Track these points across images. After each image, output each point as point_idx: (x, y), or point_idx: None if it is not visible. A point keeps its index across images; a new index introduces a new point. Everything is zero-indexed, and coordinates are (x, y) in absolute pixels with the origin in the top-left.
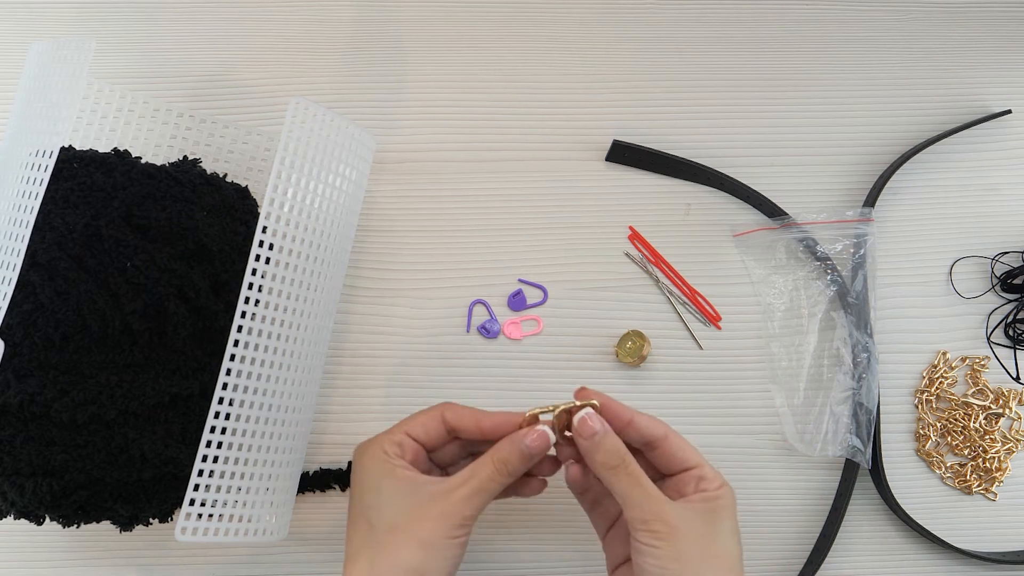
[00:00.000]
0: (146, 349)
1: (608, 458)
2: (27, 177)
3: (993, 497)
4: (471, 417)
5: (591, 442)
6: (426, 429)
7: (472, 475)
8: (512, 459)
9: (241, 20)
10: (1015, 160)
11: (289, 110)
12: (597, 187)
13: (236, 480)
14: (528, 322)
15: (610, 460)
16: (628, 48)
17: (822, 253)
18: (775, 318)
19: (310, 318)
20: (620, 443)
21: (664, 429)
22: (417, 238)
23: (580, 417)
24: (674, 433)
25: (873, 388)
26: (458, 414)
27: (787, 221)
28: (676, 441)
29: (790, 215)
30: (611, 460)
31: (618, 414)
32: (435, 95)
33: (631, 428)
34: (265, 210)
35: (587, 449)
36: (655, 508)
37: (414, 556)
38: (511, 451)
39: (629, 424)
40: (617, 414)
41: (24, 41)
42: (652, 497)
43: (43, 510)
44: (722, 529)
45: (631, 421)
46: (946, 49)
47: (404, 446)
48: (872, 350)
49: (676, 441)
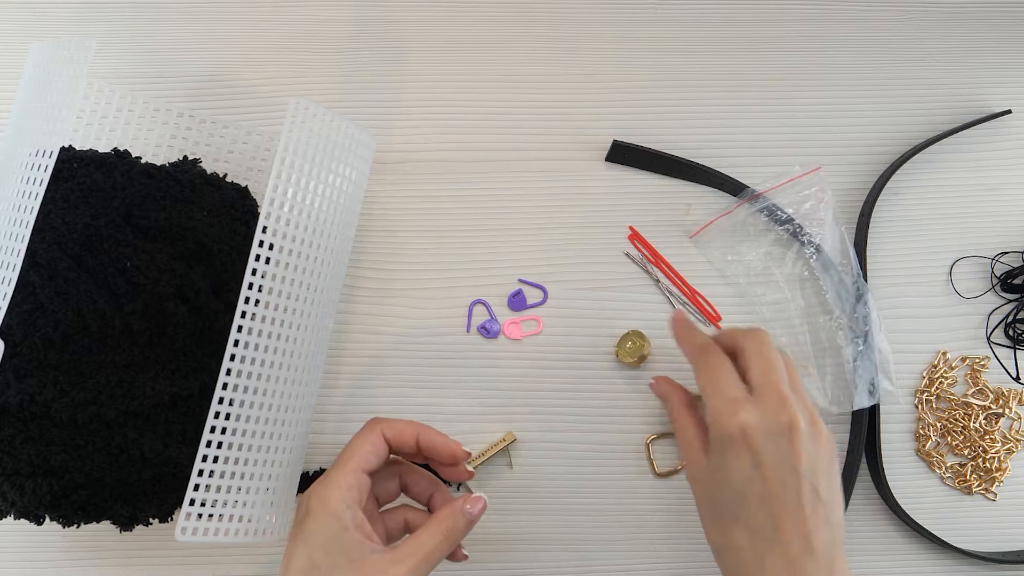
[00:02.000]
0: (146, 349)
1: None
2: (27, 177)
3: (993, 497)
4: (410, 431)
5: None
6: (376, 455)
7: (418, 547)
8: (458, 527)
9: (241, 20)
10: (1015, 160)
11: (289, 110)
12: (597, 187)
13: (236, 480)
14: (528, 322)
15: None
16: (628, 48)
17: (783, 216)
18: (760, 301)
19: (310, 318)
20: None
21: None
22: (417, 238)
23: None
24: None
25: (874, 326)
26: (396, 429)
27: (737, 202)
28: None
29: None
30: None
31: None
32: (435, 95)
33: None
34: (265, 210)
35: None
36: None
37: None
38: (456, 520)
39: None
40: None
41: (24, 41)
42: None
43: (43, 510)
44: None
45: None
46: (946, 49)
47: (360, 488)
48: (864, 290)
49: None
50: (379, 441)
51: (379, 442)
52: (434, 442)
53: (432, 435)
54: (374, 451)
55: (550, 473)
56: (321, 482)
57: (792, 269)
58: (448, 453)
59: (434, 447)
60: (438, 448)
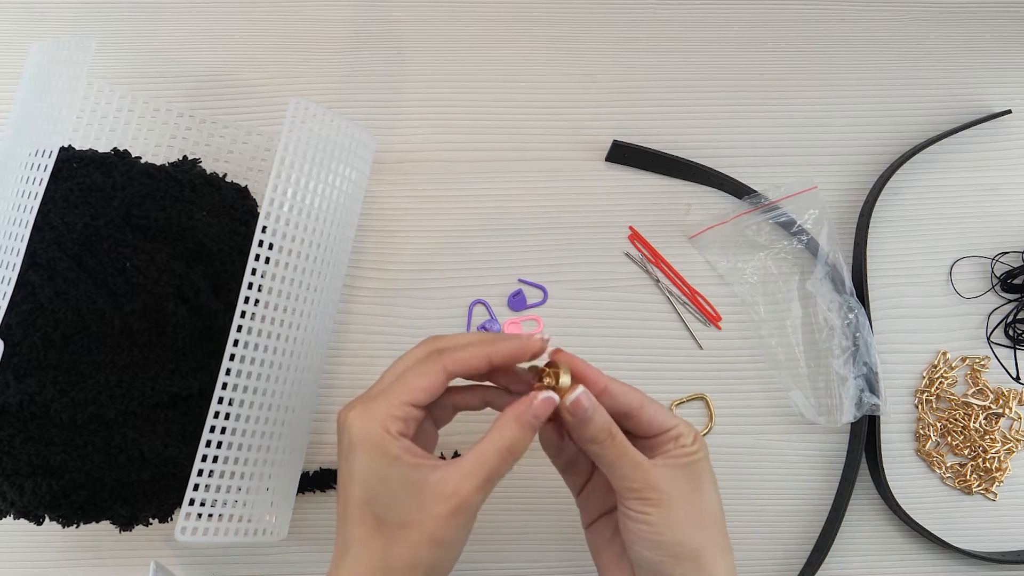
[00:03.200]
0: (146, 349)
1: (597, 434)
2: (27, 177)
3: (993, 497)
4: (480, 358)
5: (581, 418)
6: (429, 394)
7: (479, 463)
8: (522, 439)
9: (241, 20)
10: (1015, 160)
11: (289, 110)
12: (597, 187)
13: (236, 480)
14: (528, 322)
15: (598, 435)
16: (628, 48)
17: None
18: (757, 302)
19: (310, 318)
20: (608, 417)
21: (640, 398)
22: (417, 238)
23: (574, 398)
24: (649, 401)
25: (869, 342)
26: (462, 362)
27: (737, 212)
28: (651, 409)
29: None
30: (599, 435)
31: (594, 380)
32: (435, 95)
33: (605, 396)
34: (265, 210)
35: (575, 425)
36: (644, 476)
37: (431, 554)
38: (519, 432)
39: (604, 392)
40: (593, 380)
41: (24, 41)
42: (640, 465)
43: (43, 510)
44: (706, 485)
45: (605, 389)
46: (946, 49)
47: (408, 421)
48: (856, 307)
49: (651, 409)
50: (438, 379)
51: (438, 380)
52: (511, 354)
53: (505, 346)
54: (429, 389)
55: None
56: (363, 412)
57: (787, 283)
58: (529, 354)
59: (513, 359)
60: (517, 359)
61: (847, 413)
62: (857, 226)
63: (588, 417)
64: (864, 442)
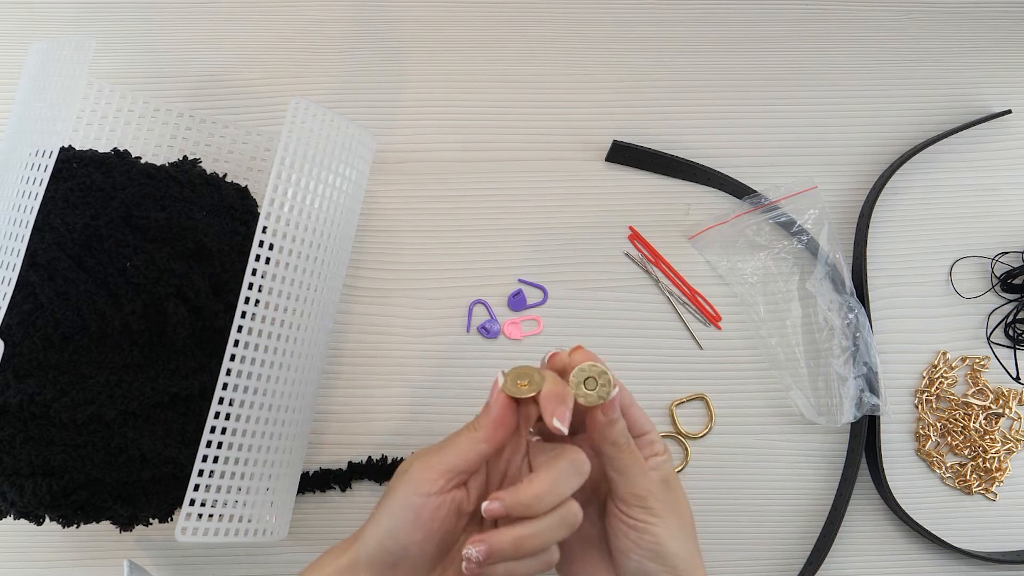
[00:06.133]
0: (146, 349)
1: (619, 436)
2: (27, 177)
3: (993, 497)
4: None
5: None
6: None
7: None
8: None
9: (241, 20)
10: (1015, 160)
11: (289, 110)
12: (597, 187)
13: (236, 480)
14: (528, 322)
15: (620, 438)
16: (628, 48)
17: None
18: (757, 302)
19: (310, 318)
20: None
21: (629, 397)
22: (417, 238)
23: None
24: (634, 400)
25: (869, 342)
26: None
27: (737, 212)
28: (636, 409)
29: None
30: (622, 438)
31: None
32: (435, 95)
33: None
34: (265, 210)
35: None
36: (649, 484)
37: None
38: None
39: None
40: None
41: (24, 41)
42: (647, 474)
43: (43, 510)
44: (681, 494)
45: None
46: (946, 49)
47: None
48: (856, 307)
49: (636, 409)
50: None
51: (486, 450)
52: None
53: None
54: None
55: None
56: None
57: (787, 283)
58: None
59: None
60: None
61: (847, 413)
62: (857, 226)
63: (618, 418)
64: (864, 442)
